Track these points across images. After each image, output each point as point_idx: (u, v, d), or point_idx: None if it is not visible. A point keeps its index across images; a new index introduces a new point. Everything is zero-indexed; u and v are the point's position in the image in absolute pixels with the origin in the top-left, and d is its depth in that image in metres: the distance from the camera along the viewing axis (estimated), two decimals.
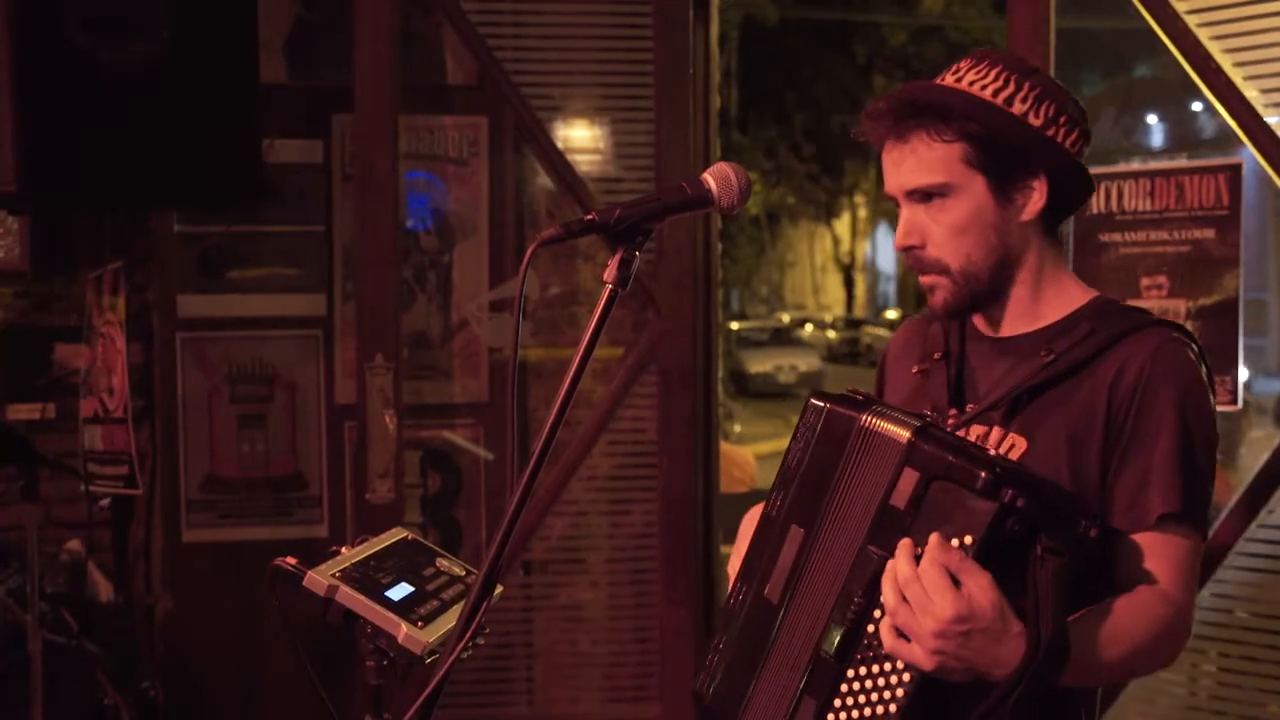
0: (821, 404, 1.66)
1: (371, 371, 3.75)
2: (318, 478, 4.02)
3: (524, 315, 4.01)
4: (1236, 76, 3.08)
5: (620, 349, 4.01)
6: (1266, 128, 3.05)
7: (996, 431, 1.67)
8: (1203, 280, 3.19)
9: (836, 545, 1.58)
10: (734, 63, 18.48)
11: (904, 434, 1.53)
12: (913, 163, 1.67)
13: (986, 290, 1.70)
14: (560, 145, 4.00)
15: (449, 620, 1.83)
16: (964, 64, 1.72)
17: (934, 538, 1.45)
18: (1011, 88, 1.66)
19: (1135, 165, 3.39)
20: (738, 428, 14.25)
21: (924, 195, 1.68)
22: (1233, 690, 3.17)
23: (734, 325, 24.98)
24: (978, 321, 1.78)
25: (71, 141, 3.08)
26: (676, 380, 3.96)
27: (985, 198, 1.67)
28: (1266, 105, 3.07)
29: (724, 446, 4.78)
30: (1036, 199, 1.68)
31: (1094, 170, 3.43)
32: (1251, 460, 4.74)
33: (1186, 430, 1.60)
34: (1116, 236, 3.31)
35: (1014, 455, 1.64)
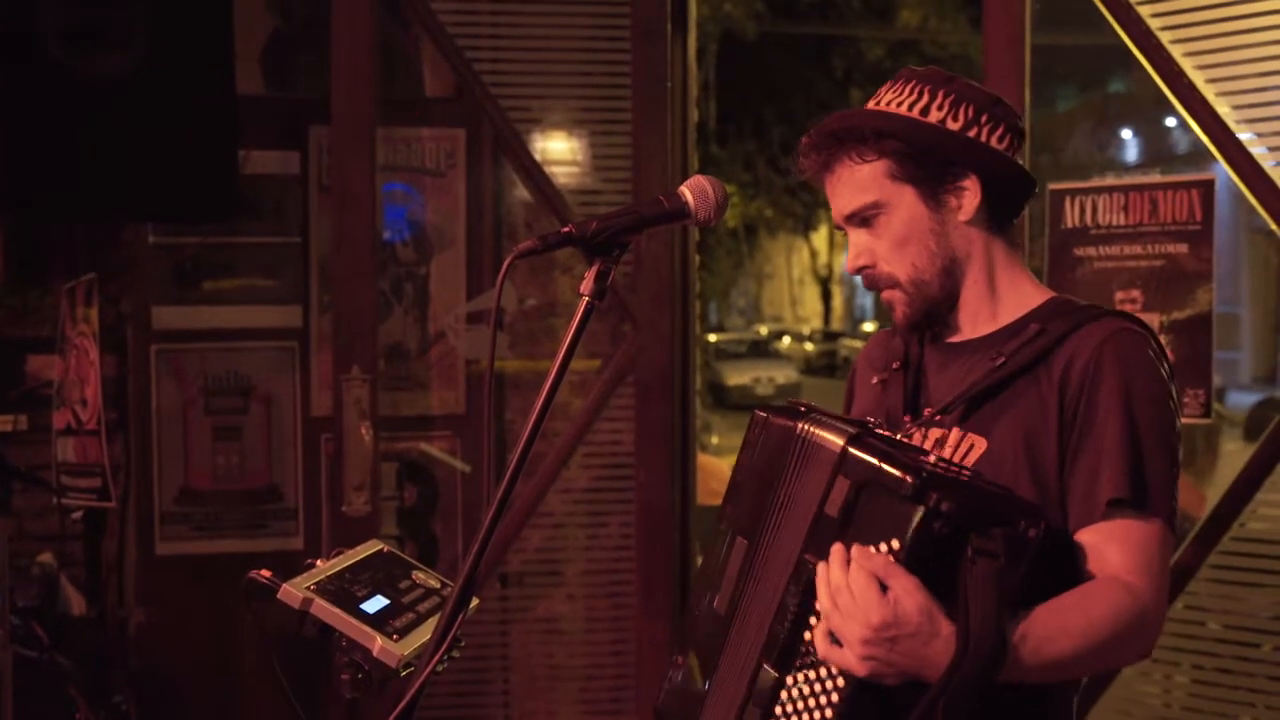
0: (764, 416, 1.70)
1: (348, 383, 3.74)
2: (293, 490, 4.01)
3: (501, 327, 4.00)
4: (1209, 92, 3.11)
5: (597, 361, 4.02)
6: (1238, 143, 3.08)
7: (955, 433, 1.69)
8: (1176, 294, 3.21)
9: (777, 555, 1.60)
10: (712, 76, 18.55)
11: (838, 442, 1.55)
12: (843, 189, 1.73)
13: (939, 296, 1.73)
14: (538, 157, 4.00)
15: (425, 633, 1.82)
16: (884, 87, 1.77)
17: (856, 546, 1.47)
18: (926, 98, 1.71)
19: (1109, 180, 3.42)
20: (715, 440, 14.26)
21: (861, 219, 1.73)
22: (1205, 702, 3.19)
23: (711, 337, 25.03)
24: (937, 328, 1.80)
25: (46, 153, 3.06)
26: (654, 392, 3.96)
27: (918, 206, 1.71)
28: (1238, 121, 3.09)
29: (701, 458, 4.79)
30: (970, 198, 1.71)
31: (1068, 185, 3.44)
32: (1224, 474, 4.77)
33: (1133, 415, 1.60)
34: (1091, 250, 3.34)
35: (973, 456, 1.66)
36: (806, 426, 1.61)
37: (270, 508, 4.00)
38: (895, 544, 1.46)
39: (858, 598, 1.45)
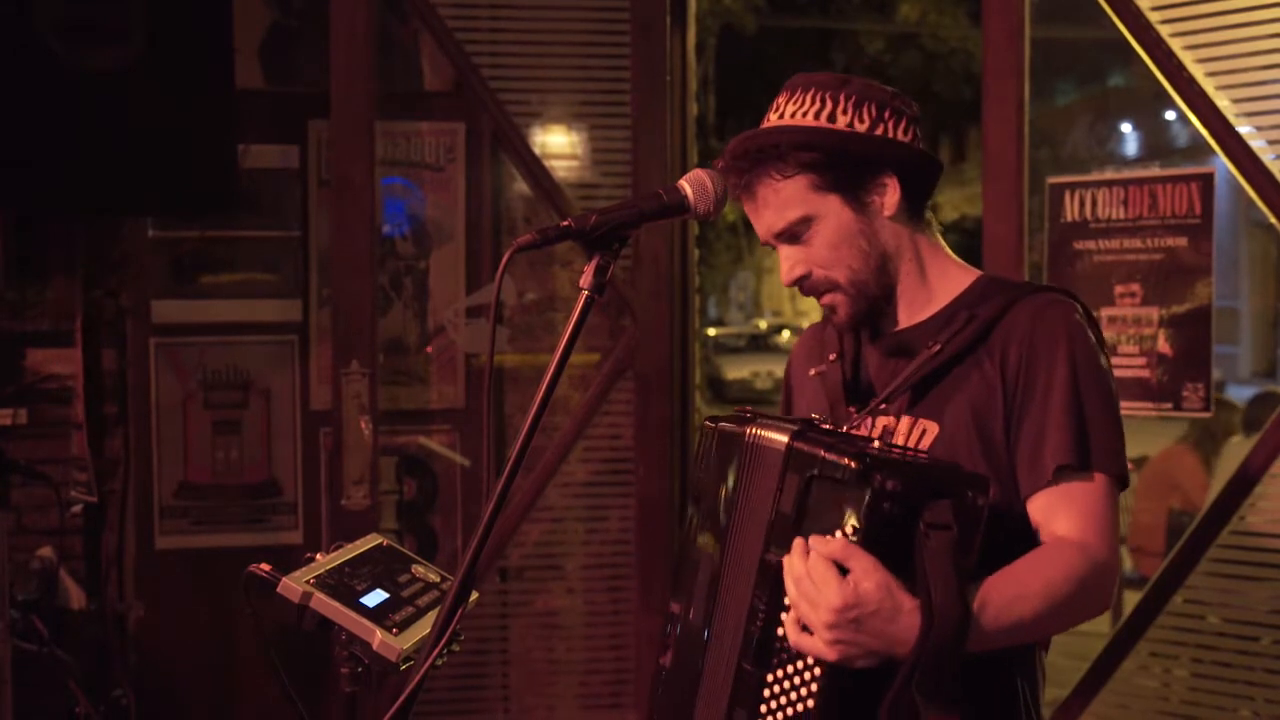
0: (712, 426, 1.73)
1: (347, 377, 3.73)
2: (292, 484, 4.00)
3: (500, 321, 4.00)
4: (1208, 86, 3.11)
5: (596, 355, 4.01)
6: (1238, 137, 3.08)
7: (906, 420, 1.72)
8: (1175, 288, 3.21)
9: (742, 559, 1.62)
10: (711, 70, 18.52)
11: (782, 440, 1.58)
12: (767, 209, 1.73)
13: (878, 294, 1.76)
14: (537, 151, 4.00)
15: (424, 627, 1.82)
16: (781, 98, 1.77)
17: (813, 537, 1.49)
18: (829, 104, 1.72)
19: (1109, 174, 3.42)
20: None
21: (791, 235, 1.74)
22: (1204, 695, 3.19)
23: (711, 331, 25.02)
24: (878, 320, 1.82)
25: (45, 147, 3.06)
26: (653, 387, 3.96)
27: (845, 212, 1.73)
28: (1238, 115, 3.09)
29: None
30: (891, 195, 1.74)
31: (1068, 179, 3.44)
32: (1224, 467, 4.77)
33: (1074, 381, 1.64)
34: (1090, 244, 3.33)
35: (927, 440, 1.69)
36: (753, 430, 1.65)
37: (269, 502, 4.00)
38: (849, 529, 1.49)
39: (818, 583, 1.47)
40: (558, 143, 4.08)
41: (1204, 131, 3.12)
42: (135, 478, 3.92)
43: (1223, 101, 3.09)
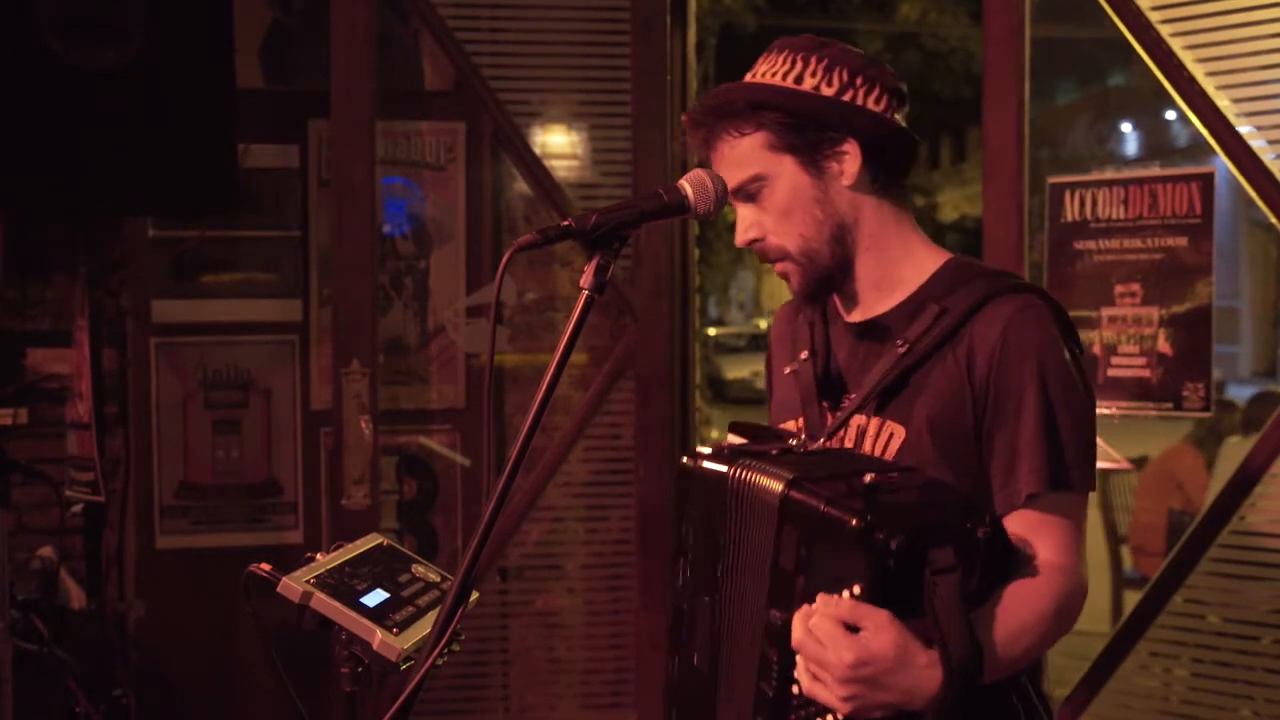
0: (690, 464, 1.68)
1: (347, 377, 3.73)
2: (293, 484, 4.00)
3: (500, 321, 4.00)
4: (1209, 86, 3.11)
5: (596, 355, 4.01)
6: (1238, 137, 3.08)
7: (874, 423, 1.69)
8: (1175, 288, 3.21)
9: (745, 612, 1.61)
10: (712, 69, 18.50)
11: (775, 488, 1.55)
12: (725, 165, 1.71)
13: (831, 265, 1.73)
14: (537, 151, 4.00)
15: (424, 627, 1.82)
16: (760, 59, 1.76)
17: (820, 596, 1.48)
18: (799, 65, 1.70)
19: (1109, 173, 3.41)
20: (715, 434, 14.27)
21: (746, 194, 1.72)
22: (1205, 695, 3.19)
23: (711, 331, 25.02)
24: (839, 303, 1.80)
25: (45, 146, 3.05)
26: (654, 386, 3.96)
27: (799, 175, 1.70)
28: (1238, 114, 3.09)
29: None
30: (850, 163, 1.70)
31: (1068, 179, 3.44)
32: (1224, 467, 4.77)
33: (1046, 400, 1.62)
34: (1090, 244, 3.33)
35: (894, 445, 1.67)
36: (738, 474, 1.61)
37: (269, 501, 4.00)
38: (857, 588, 1.47)
39: (829, 645, 1.47)
40: (558, 142, 4.08)
41: (1204, 131, 3.12)
42: (135, 477, 3.92)
43: (1223, 101, 3.09)
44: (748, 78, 1.75)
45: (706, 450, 1.69)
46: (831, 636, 1.46)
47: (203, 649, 3.91)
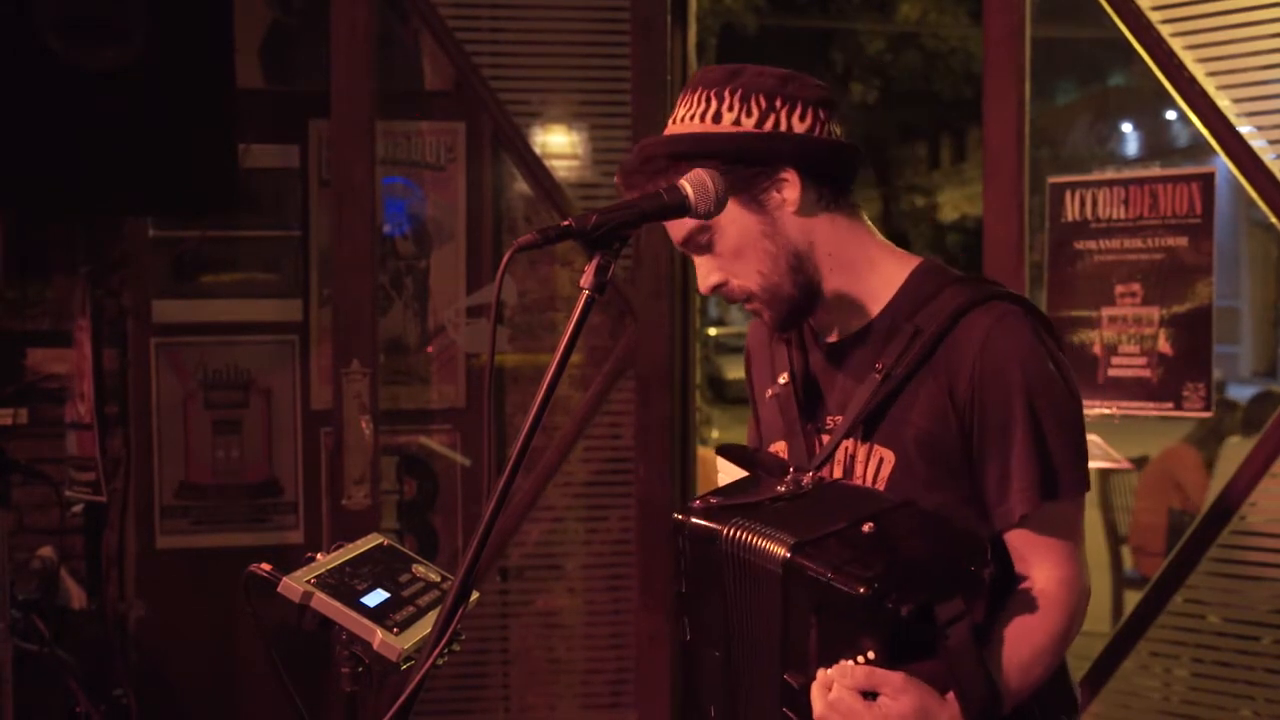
0: (681, 521, 1.65)
1: (348, 377, 3.73)
2: (293, 484, 4.00)
3: (501, 321, 4.00)
4: (1209, 86, 3.11)
5: (596, 355, 4.01)
6: (1239, 137, 3.08)
7: (863, 449, 1.68)
8: (1176, 288, 3.21)
9: (759, 675, 1.60)
10: None
11: (778, 554, 1.53)
12: (668, 221, 1.65)
13: (796, 295, 1.69)
14: (538, 151, 4.00)
15: (425, 627, 1.82)
16: (679, 100, 1.71)
17: (836, 667, 1.49)
18: (714, 103, 1.65)
19: (1109, 173, 3.42)
20: (715, 434, 14.25)
21: (697, 246, 1.69)
22: (1205, 695, 3.19)
23: (711, 331, 25.00)
24: (813, 324, 1.77)
25: (46, 146, 3.05)
26: (654, 386, 3.96)
27: (743, 215, 1.66)
28: (1239, 115, 3.09)
29: (701, 452, 4.79)
30: (790, 190, 1.66)
31: (1068, 179, 3.43)
32: (1224, 467, 4.77)
33: (1033, 413, 1.61)
34: (1091, 244, 3.33)
35: (885, 470, 1.66)
36: (732, 535, 1.58)
37: (270, 501, 4.00)
38: (871, 654, 1.48)
39: (849, 715, 1.48)
40: (558, 142, 4.08)
41: (1204, 131, 3.12)
42: (136, 477, 3.92)
43: (1223, 101, 3.09)
44: (669, 125, 1.70)
45: (698, 505, 1.65)
46: (853, 710, 1.48)
47: (203, 649, 3.91)
